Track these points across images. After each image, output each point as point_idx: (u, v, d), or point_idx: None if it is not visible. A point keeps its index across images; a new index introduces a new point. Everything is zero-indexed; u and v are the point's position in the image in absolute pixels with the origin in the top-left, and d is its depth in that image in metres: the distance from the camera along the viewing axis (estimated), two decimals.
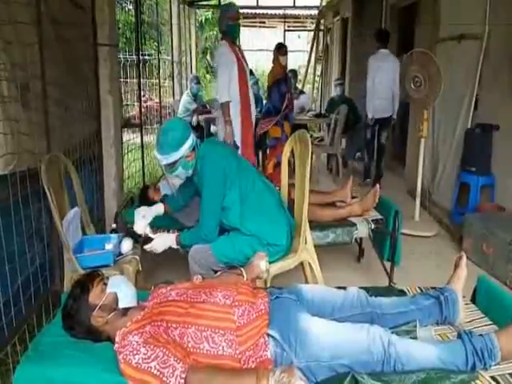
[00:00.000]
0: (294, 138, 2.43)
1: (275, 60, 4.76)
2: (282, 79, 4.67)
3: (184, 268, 2.82)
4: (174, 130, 2.09)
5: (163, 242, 2.21)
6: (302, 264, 2.45)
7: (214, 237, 2.18)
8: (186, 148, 2.08)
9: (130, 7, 4.74)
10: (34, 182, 2.15)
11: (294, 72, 6.71)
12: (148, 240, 2.23)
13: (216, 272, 2.02)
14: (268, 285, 2.15)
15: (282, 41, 11.07)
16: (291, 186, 2.56)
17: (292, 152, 2.47)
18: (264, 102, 6.61)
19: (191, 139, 2.11)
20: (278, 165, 4.46)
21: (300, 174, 2.36)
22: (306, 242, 2.32)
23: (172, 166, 2.11)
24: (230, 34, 3.51)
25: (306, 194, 2.22)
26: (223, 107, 3.41)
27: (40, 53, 2.30)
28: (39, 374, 1.37)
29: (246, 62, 3.62)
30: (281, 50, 4.74)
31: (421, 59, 3.82)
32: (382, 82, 4.80)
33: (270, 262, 2.18)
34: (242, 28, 3.83)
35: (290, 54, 5.07)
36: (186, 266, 2.83)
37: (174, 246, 2.24)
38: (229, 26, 3.47)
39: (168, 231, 2.39)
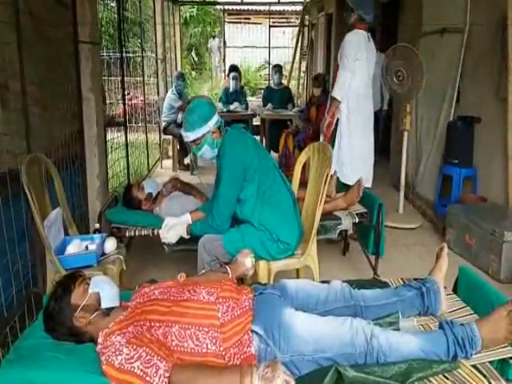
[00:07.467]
0: (312, 148, 2.50)
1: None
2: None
3: (169, 267, 2.82)
4: (200, 106, 2.17)
5: (176, 232, 2.27)
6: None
7: (225, 228, 2.20)
8: (212, 123, 2.14)
9: (113, 4, 4.66)
10: (15, 183, 2.11)
11: (280, 67, 6.71)
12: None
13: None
14: (271, 281, 2.16)
15: (267, 37, 11.10)
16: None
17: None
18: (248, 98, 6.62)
19: (217, 117, 2.18)
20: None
21: (315, 182, 2.38)
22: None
23: (198, 143, 2.16)
24: None
25: (320, 204, 2.21)
26: None
27: (18, 51, 2.25)
28: (20, 378, 1.34)
29: None
30: (315, 81, 4.54)
31: (404, 53, 3.85)
32: None
33: (277, 259, 2.22)
34: (226, 24, 3.61)
35: (274, 50, 4.93)
36: (171, 265, 2.84)
37: (185, 235, 2.27)
38: None
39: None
